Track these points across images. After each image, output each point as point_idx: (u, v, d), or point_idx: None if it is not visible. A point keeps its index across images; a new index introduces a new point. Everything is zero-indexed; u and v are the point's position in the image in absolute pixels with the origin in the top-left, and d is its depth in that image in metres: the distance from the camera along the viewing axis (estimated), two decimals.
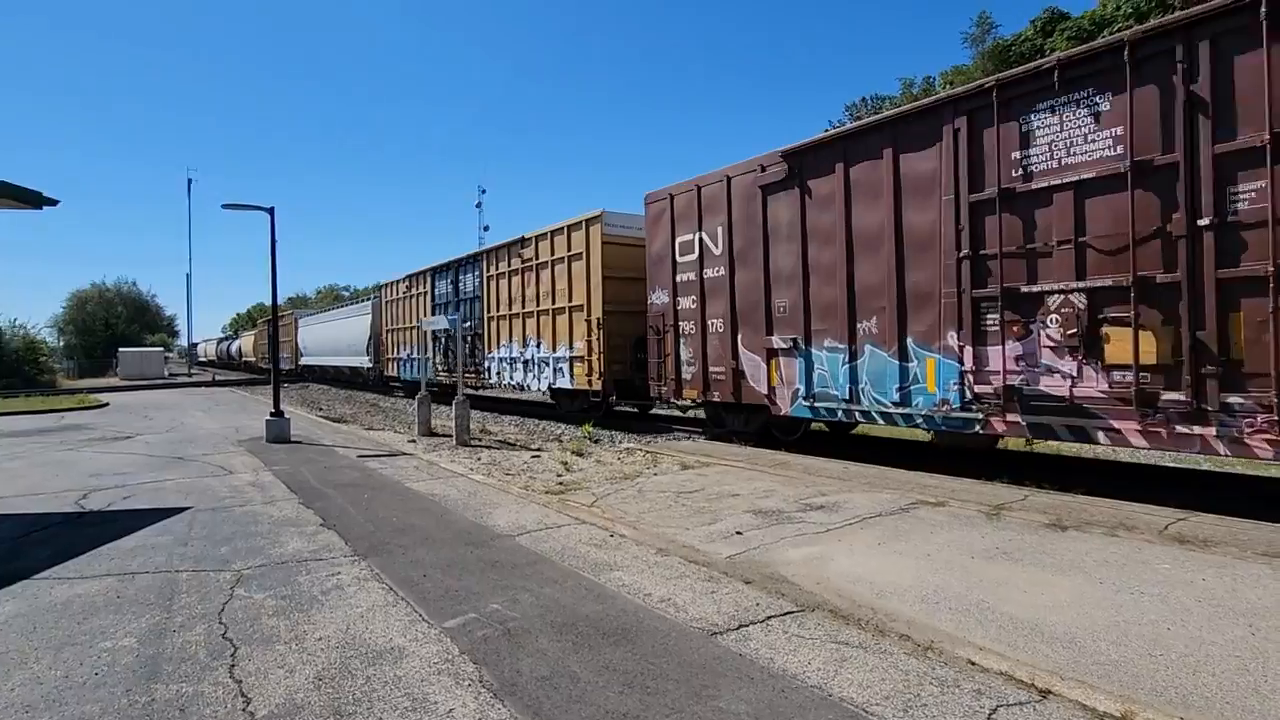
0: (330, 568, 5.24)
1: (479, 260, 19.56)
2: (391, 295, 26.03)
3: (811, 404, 9.91)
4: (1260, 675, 3.24)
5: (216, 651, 3.79)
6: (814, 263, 9.86)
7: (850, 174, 9.34)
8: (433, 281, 22.46)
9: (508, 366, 18.05)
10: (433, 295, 22.43)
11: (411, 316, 23.71)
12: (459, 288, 20.73)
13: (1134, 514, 6.23)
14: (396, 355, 25.52)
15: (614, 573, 4.98)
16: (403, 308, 24.93)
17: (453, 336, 19.55)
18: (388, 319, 26.46)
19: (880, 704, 3.07)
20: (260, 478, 9.16)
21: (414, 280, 23.90)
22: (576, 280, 14.95)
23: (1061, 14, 29.44)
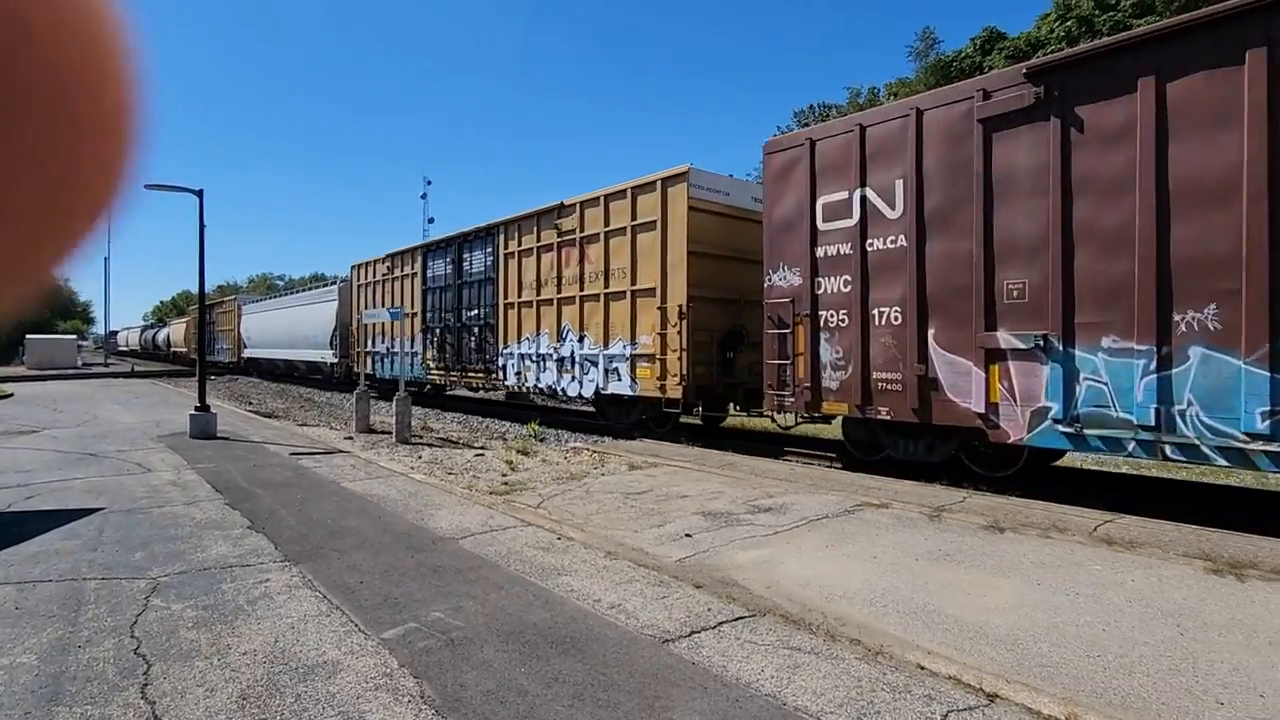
0: (258, 574, 4.92)
1: (493, 234, 15.80)
2: (366, 278, 22.24)
3: (1074, 429, 6.95)
4: (1191, 676, 3.37)
5: (128, 669, 3.47)
6: (1084, 226, 6.87)
7: (1167, 92, 6.40)
8: (424, 261, 18.68)
9: (532, 365, 14.47)
10: (424, 278, 18.67)
11: (393, 303, 20.32)
12: (462, 268, 17.01)
13: (1065, 516, 6.47)
14: (372, 349, 21.72)
15: (562, 578, 4.84)
16: (381, 293, 21.27)
17: (453, 328, 17.13)
18: (360, 306, 22.62)
19: (834, 712, 3.04)
20: (182, 476, 8.60)
21: (398, 260, 20.13)
22: (645, 257, 11.80)
23: (999, 34, 30.72)
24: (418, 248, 19.13)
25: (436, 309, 18.18)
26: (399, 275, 19.99)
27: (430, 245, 18.68)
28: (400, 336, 19.96)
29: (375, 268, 21.75)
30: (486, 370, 16.10)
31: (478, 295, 16.48)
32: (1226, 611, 4.15)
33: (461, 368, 16.98)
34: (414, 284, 19.10)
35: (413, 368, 19.04)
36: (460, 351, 16.63)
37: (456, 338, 17.22)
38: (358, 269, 22.99)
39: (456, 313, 17.19)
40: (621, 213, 12.37)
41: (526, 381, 14.73)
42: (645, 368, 11.82)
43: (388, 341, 20.85)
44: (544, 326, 14.22)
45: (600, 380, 12.78)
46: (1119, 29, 25.95)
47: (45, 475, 8.60)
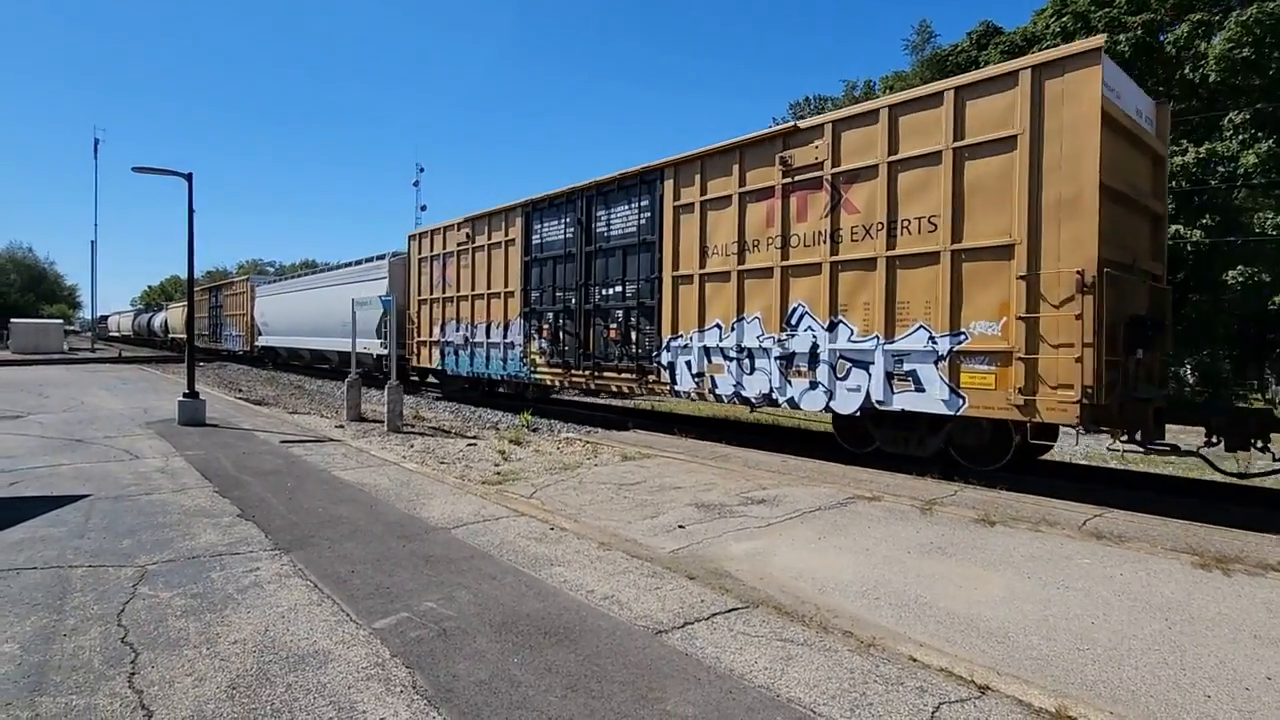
0: (248, 563, 4.88)
1: (652, 181, 11.37)
2: (430, 250, 17.72)
3: None
4: (1179, 669, 3.40)
5: (114, 658, 3.43)
6: None
7: None
8: (527, 224, 14.19)
9: (729, 364, 10.03)
10: (526, 246, 14.19)
11: (474, 281, 15.90)
12: (593, 231, 12.60)
13: (1055, 510, 6.52)
14: (440, 338, 17.27)
15: (555, 568, 4.83)
16: (455, 268, 16.58)
17: (575, 312, 12.89)
18: (421, 285, 18.16)
19: (828, 703, 3.05)
20: (170, 463, 8.52)
21: (483, 224, 15.62)
22: (986, 197, 7.55)
23: (996, 28, 30.67)
24: (516, 207, 14.47)
25: (547, 287, 13.66)
26: (483, 245, 15.54)
27: (537, 202, 13.95)
28: (486, 323, 15.45)
29: (444, 237, 17.06)
30: (638, 370, 11.56)
31: (622, 267, 11.95)
32: (1213, 606, 4.19)
33: (593, 365, 12.54)
34: (508, 255, 14.72)
35: (506, 364, 14.86)
36: (588, 343, 12.56)
37: (582, 325, 12.77)
38: (418, 239, 18.58)
39: (583, 291, 12.71)
40: (924, 130, 8.02)
41: (718, 387, 10.25)
42: (981, 371, 7.56)
43: (465, 329, 16.21)
44: (751, 308, 9.75)
45: (875, 388, 8.41)
46: (1114, 25, 25.99)
47: (31, 461, 8.49)
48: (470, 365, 16.19)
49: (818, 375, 9.01)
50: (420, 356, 18.48)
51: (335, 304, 22.74)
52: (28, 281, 69.34)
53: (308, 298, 25.70)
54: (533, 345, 14.06)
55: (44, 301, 70.08)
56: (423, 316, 18.25)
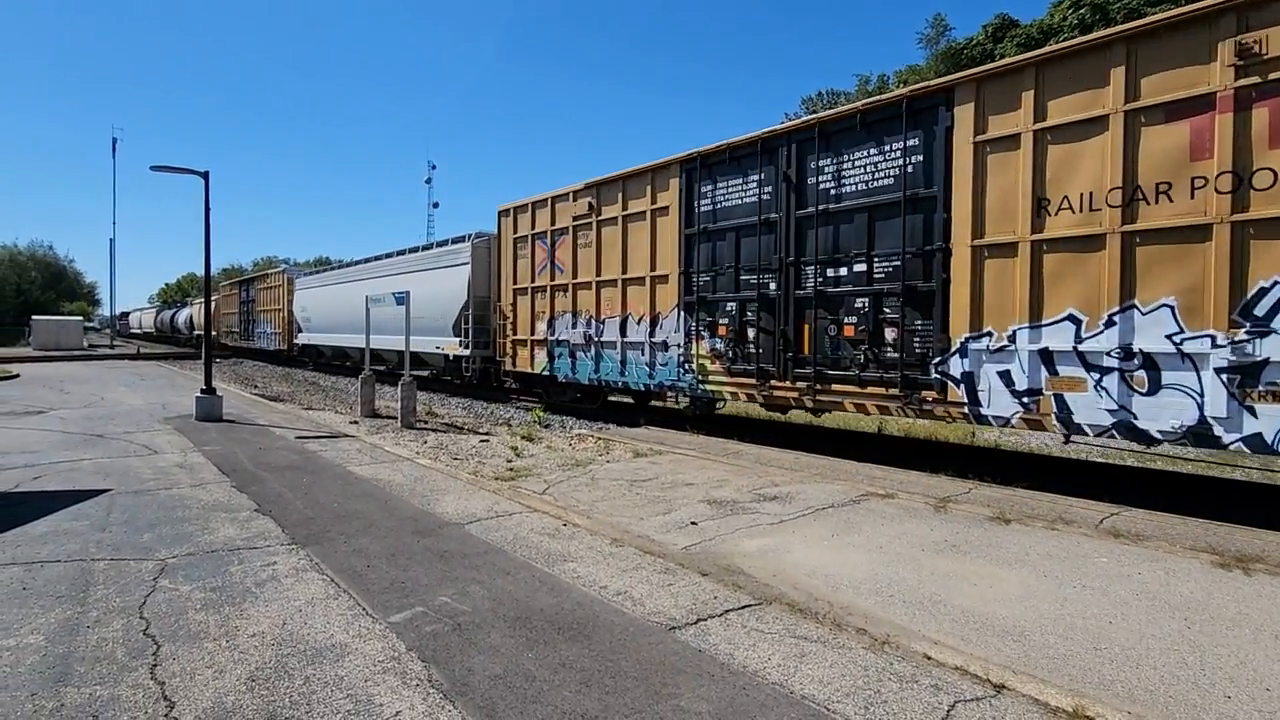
0: (265, 557, 4.94)
1: (927, 110, 8.05)
2: (530, 227, 14.35)
3: None
4: (1199, 669, 3.36)
5: (136, 650, 3.49)
6: None
7: None
8: (687, 186, 10.78)
9: (1106, 378, 6.57)
10: (687, 214, 10.77)
11: (599, 264, 12.55)
12: (804, 188, 9.25)
13: (1071, 508, 6.45)
14: (547, 336, 13.89)
15: (568, 564, 4.85)
16: (570, 249, 13.18)
17: (773, 300, 9.54)
18: (518, 271, 14.89)
19: (842, 701, 3.04)
20: (189, 459, 8.63)
21: (612, 191, 12.21)
22: None
23: (1012, 21, 30.33)
24: (670, 164, 11.06)
25: (723, 268, 10.24)
26: (614, 217, 12.10)
27: (707, 157, 10.41)
28: (619, 317, 12.06)
29: (553, 210, 13.68)
30: (902, 383, 8.12)
31: (865, 236, 8.58)
32: (1234, 605, 4.14)
33: (812, 374, 8.99)
34: (655, 229, 11.35)
35: (654, 370, 11.44)
36: (801, 344, 9.15)
37: (789, 318, 9.33)
38: (511, 216, 15.03)
39: (790, 273, 9.32)
40: None
41: (1075, 412, 6.77)
42: None
43: (587, 325, 12.78)
44: (1153, 290, 6.33)
45: None
46: (1133, 16, 25.59)
47: (53, 456, 8.64)
48: (595, 370, 12.58)
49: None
50: (517, 359, 14.98)
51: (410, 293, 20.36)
52: (48, 279, 70.42)
53: (363, 290, 21.13)
54: (699, 346, 10.57)
55: (64, 299, 71.15)
56: (520, 310, 14.70)
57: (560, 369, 13.63)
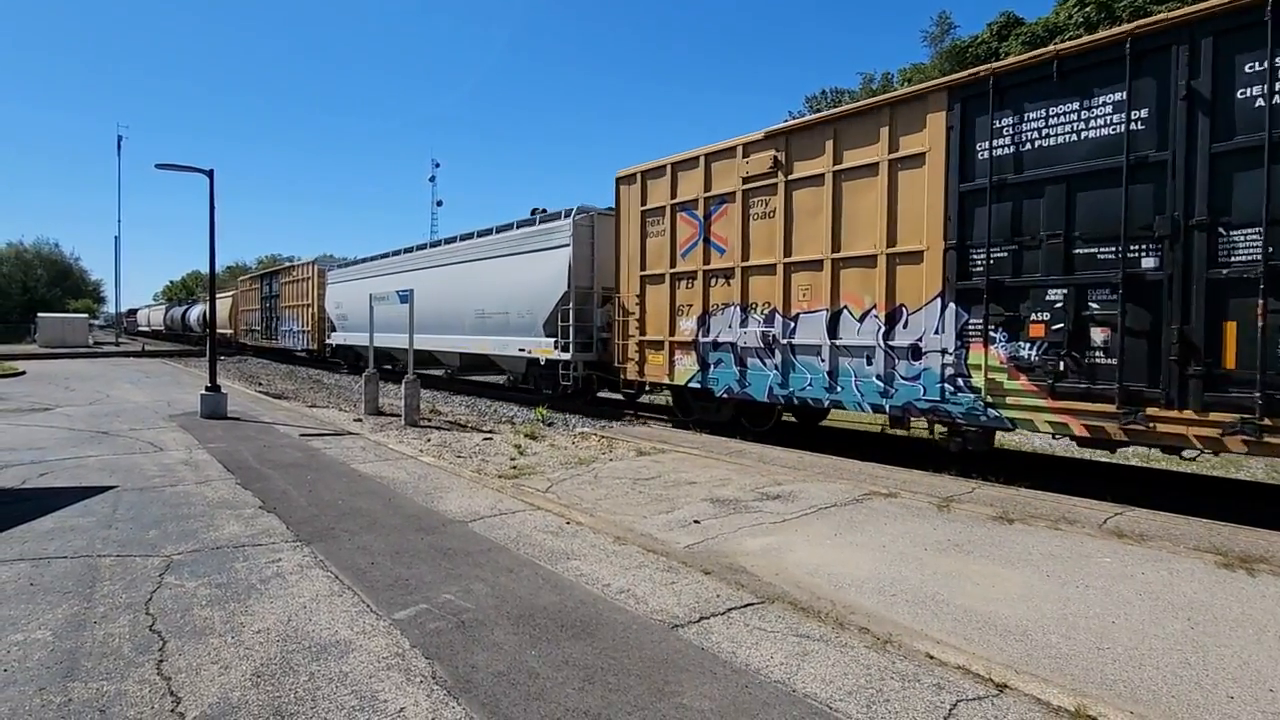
0: (270, 554, 4.97)
1: None
2: (668, 195, 11.23)
3: None
4: (1201, 669, 3.36)
5: (143, 645, 3.52)
6: None
7: None
8: (965, 120, 7.70)
9: None
10: (962, 162, 7.71)
11: (790, 239, 9.54)
12: (1220, 109, 6.02)
13: (1075, 508, 6.44)
14: (698, 336, 10.77)
15: (571, 562, 4.86)
16: (735, 220, 10.19)
17: (1103, 286, 6.70)
18: (647, 253, 11.73)
19: (844, 699, 3.05)
20: (194, 456, 8.67)
21: (815, 138, 9.23)
22: None
23: (1017, 19, 30.25)
24: (928, 92, 8.17)
25: (1038, 238, 7.15)
26: (818, 174, 9.11)
27: (1002, 77, 7.46)
28: (828, 311, 9.02)
29: (708, 172, 10.56)
30: None
31: None
32: (1238, 606, 4.14)
33: (1260, 398, 5.77)
34: (895, 186, 8.34)
35: (895, 384, 8.31)
36: (1211, 349, 6.06)
37: (1191, 311, 6.21)
38: (637, 183, 11.80)
39: (1177, 244, 6.26)
40: None
41: None
42: None
43: (765, 321, 9.77)
44: None
45: None
46: (1139, 14, 25.48)
47: (59, 453, 8.68)
48: (781, 383, 9.49)
49: None
50: (646, 365, 11.83)
51: (472, 289, 16.57)
52: (54, 276, 70.74)
53: (423, 281, 18.15)
54: (986, 353, 7.47)
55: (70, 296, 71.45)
56: (651, 303, 11.67)
57: (719, 380, 10.40)
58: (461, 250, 17.80)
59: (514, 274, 15.18)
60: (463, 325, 17.18)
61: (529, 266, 14.68)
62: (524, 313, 14.73)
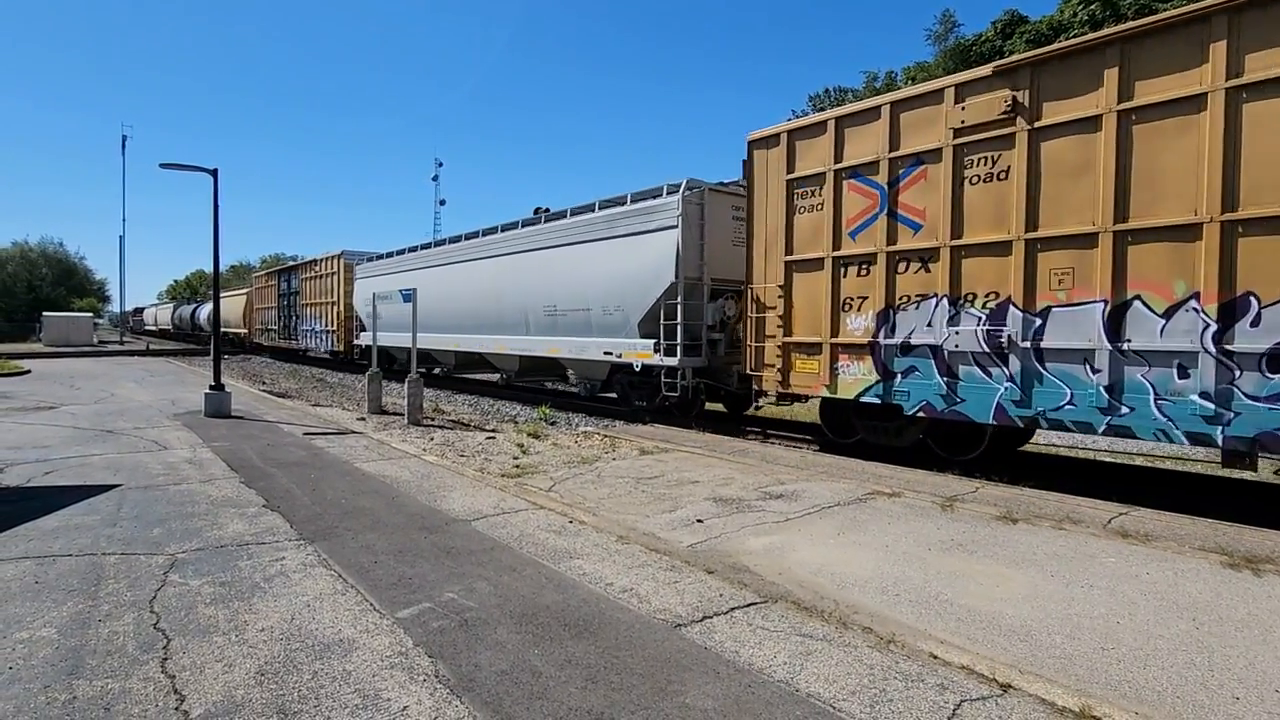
0: (274, 552, 4.98)
1: None
2: (827, 160, 9.09)
3: None
4: (1207, 670, 3.35)
5: (147, 644, 3.53)
6: None
7: None
8: None
9: None
10: None
11: (1026, 210, 7.23)
12: None
13: (1079, 508, 6.42)
14: (874, 337, 8.63)
15: (574, 561, 4.86)
16: (939, 185, 7.93)
17: None
18: (795, 232, 9.61)
19: (847, 699, 3.04)
20: (198, 454, 8.69)
21: (1075, 72, 6.88)
22: None
23: (1021, 17, 30.15)
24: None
25: None
26: (1092, 117, 6.82)
27: None
28: (1094, 301, 6.82)
29: (895, 125, 8.40)
30: None
31: None
32: (1243, 606, 4.12)
33: None
34: (1248, 123, 5.98)
35: (1231, 407, 6.01)
36: None
37: None
38: (782, 146, 9.67)
39: None
40: None
41: None
42: None
43: (990, 317, 7.60)
44: None
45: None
46: (1145, 12, 25.37)
47: (64, 451, 8.71)
48: (1021, 399, 7.29)
49: None
50: (792, 374, 9.59)
51: (542, 281, 14.09)
52: (59, 275, 70.98)
53: (471, 275, 16.33)
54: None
55: (74, 295, 71.69)
56: (802, 294, 9.49)
57: (911, 394, 8.27)
58: (522, 238, 15.15)
59: (598, 263, 12.68)
60: (523, 324, 14.77)
61: (620, 254, 12.24)
62: (611, 309, 12.21)
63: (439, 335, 18.35)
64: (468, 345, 17.52)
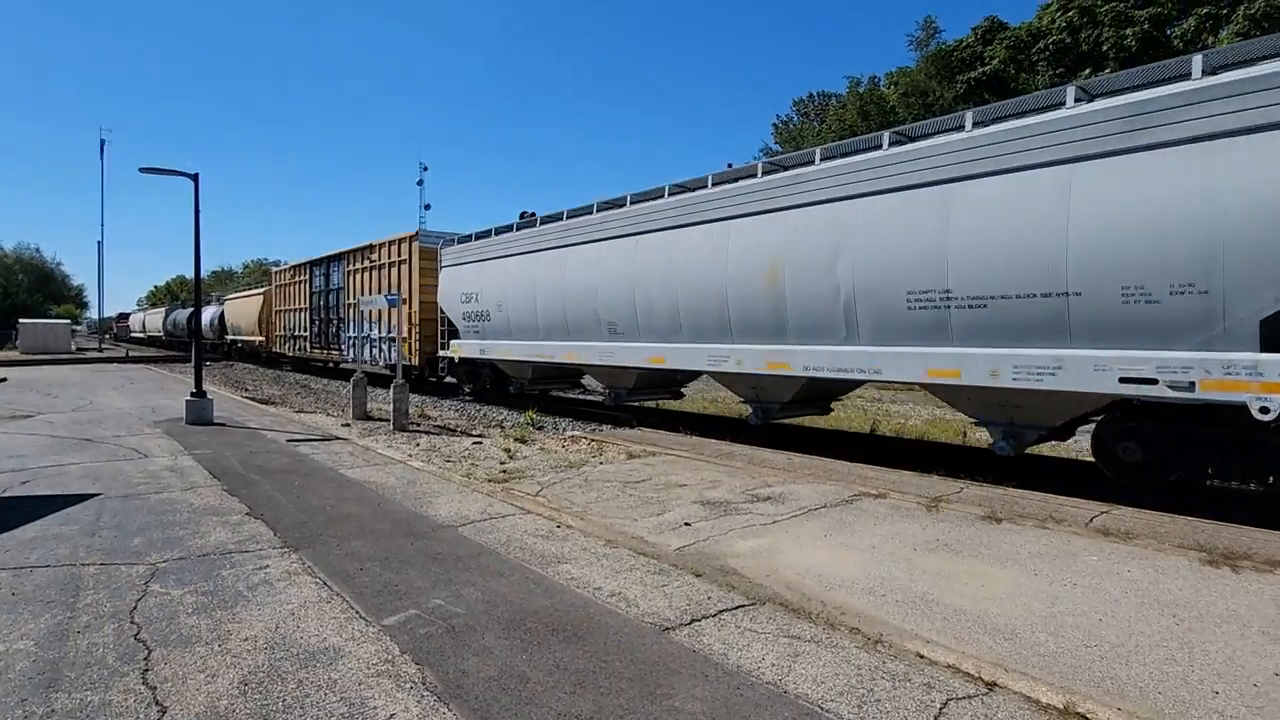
0: (258, 560, 4.92)
1: None
2: None
3: None
4: (1188, 665, 3.40)
5: (128, 655, 3.47)
6: None
7: None
8: None
9: None
10: None
11: None
12: None
13: (1062, 507, 6.50)
14: None
15: (562, 565, 4.85)
16: None
17: None
18: None
19: (835, 700, 3.06)
20: (179, 462, 8.57)
21: None
22: None
23: (1001, 24, 30.55)
24: None
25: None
26: None
27: None
28: None
29: None
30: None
31: None
32: (1222, 602, 4.19)
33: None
34: None
35: None
36: None
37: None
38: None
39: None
40: None
41: None
42: None
43: None
44: None
45: None
46: (1120, 19, 25.84)
47: (41, 460, 8.56)
48: None
49: None
50: None
51: (920, 240, 7.80)
52: (35, 282, 69.85)
53: (677, 248, 10.77)
54: None
55: (51, 302, 70.57)
56: None
57: None
58: (810, 183, 9.07)
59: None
60: (822, 326, 8.95)
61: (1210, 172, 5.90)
62: (1140, 293, 6.33)
63: (611, 343, 12.06)
64: (683, 362, 10.98)
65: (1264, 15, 22.49)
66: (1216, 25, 24.10)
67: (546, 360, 13.96)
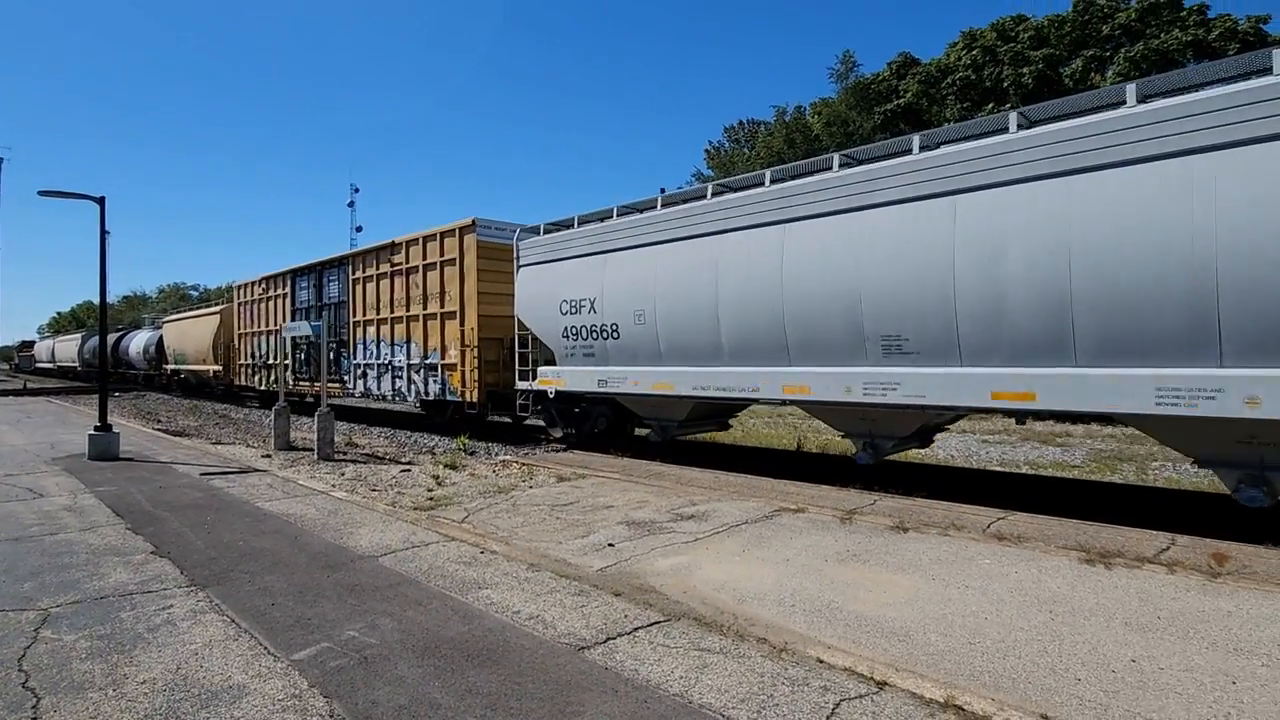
0: (161, 601, 4.73)
1: None
2: None
3: None
4: (1056, 656, 3.71)
5: (14, 704, 3.30)
6: None
7: None
8: None
9: None
10: None
11: None
12: None
13: (964, 514, 6.92)
14: None
15: (483, 591, 4.86)
16: None
17: None
18: None
19: (736, 707, 3.21)
20: (79, 501, 8.10)
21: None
22: None
23: (913, 59, 32.49)
24: None
25: None
26: None
27: None
28: None
29: None
30: None
31: None
32: (1093, 597, 4.58)
33: None
34: None
35: None
36: None
37: None
38: None
39: None
40: None
41: None
42: None
43: None
44: None
45: None
46: (1018, 59, 27.91)
47: None
48: None
49: None
50: None
51: None
52: None
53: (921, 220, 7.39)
54: None
55: None
56: None
57: None
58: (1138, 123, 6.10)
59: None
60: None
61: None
62: None
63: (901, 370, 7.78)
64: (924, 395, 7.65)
65: (1141, 57, 24.78)
66: (1102, 66, 26.37)
67: (733, 396, 9.43)
